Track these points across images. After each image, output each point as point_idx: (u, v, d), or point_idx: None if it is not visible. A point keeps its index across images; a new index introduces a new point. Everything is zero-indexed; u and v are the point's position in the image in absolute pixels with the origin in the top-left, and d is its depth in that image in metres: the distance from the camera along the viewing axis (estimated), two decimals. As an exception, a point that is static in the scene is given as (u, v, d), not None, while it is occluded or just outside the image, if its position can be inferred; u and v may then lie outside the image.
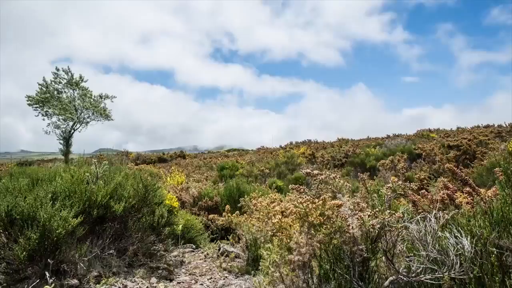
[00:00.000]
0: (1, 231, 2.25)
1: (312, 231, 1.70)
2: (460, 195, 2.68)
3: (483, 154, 9.70)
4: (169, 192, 5.71)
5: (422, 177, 8.97)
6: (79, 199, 2.39)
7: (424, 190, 2.88)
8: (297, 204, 1.72)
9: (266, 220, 3.03)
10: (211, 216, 3.20)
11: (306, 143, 22.90)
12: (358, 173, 10.76)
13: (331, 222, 1.66)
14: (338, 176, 2.09)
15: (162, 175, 8.04)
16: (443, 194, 2.46)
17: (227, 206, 3.17)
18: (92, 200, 2.44)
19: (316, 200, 1.77)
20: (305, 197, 2.01)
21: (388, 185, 2.03)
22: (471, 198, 2.11)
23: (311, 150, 14.60)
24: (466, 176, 7.66)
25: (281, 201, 4.81)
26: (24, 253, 1.93)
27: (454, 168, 2.43)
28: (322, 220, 1.67)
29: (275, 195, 4.89)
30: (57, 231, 2.01)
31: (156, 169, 15.44)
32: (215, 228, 5.02)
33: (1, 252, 2.21)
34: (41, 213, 2.02)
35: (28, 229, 2.03)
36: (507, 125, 19.77)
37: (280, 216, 1.93)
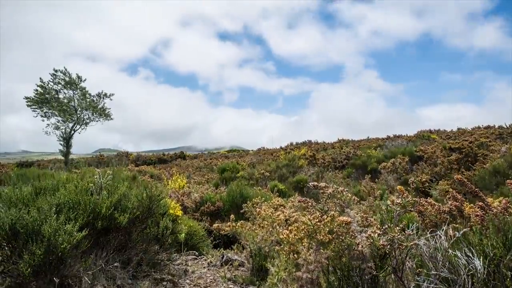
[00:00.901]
0: (4, 244, 2.23)
1: (321, 250, 1.68)
2: (467, 205, 2.66)
3: (484, 156, 9.68)
4: (170, 196, 5.69)
5: (424, 180, 8.96)
6: (83, 211, 2.37)
7: (430, 199, 2.86)
8: (306, 221, 1.70)
9: (270, 229, 3.01)
10: (215, 225, 3.18)
11: (307, 144, 22.89)
12: (360, 175, 10.74)
13: (340, 240, 1.64)
14: (346, 190, 2.07)
15: (164, 178, 8.01)
16: (451, 205, 2.44)
17: (232, 216, 3.15)
18: (96, 211, 2.42)
19: (325, 216, 1.75)
20: (312, 210, 1.99)
21: (397, 200, 2.00)
22: (483, 212, 2.09)
23: (311, 152, 14.58)
24: (468, 178, 7.59)
25: (284, 206, 4.81)
26: (29, 269, 1.91)
27: (464, 179, 2.40)
28: (331, 238, 1.65)
29: (277, 200, 4.88)
30: (62, 246, 1.99)
31: (156, 171, 15.42)
32: (218, 234, 5.00)
33: (5, 265, 2.19)
34: (46, 227, 2.00)
35: (32, 243, 2.01)
36: (508, 126, 19.77)
37: (287, 232, 1.90)
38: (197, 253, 4.13)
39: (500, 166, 6.54)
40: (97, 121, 18.14)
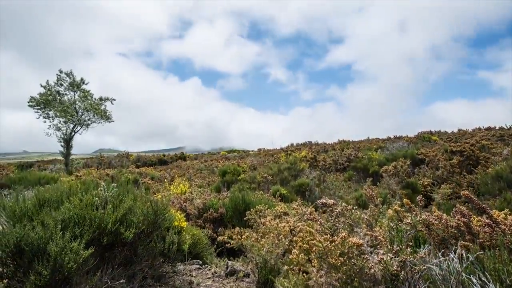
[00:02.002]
0: (9, 261, 2.21)
1: (333, 273, 1.66)
2: (474, 218, 2.64)
3: (486, 159, 9.67)
4: (173, 203, 5.67)
5: (426, 183, 8.94)
6: (89, 227, 2.34)
7: (436, 211, 2.84)
8: (316, 243, 1.68)
9: (276, 242, 2.99)
10: (220, 237, 3.17)
11: (307, 145, 22.87)
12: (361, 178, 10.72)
13: (352, 263, 1.62)
14: (355, 208, 2.05)
15: (166, 183, 7.99)
16: (459, 220, 2.42)
17: (237, 229, 3.13)
18: (102, 227, 2.40)
19: (335, 237, 1.73)
20: (321, 228, 1.97)
21: (407, 221, 1.98)
22: (491, 230, 2.07)
23: (312, 154, 14.56)
24: (470, 182, 7.49)
25: (288, 214, 4.79)
26: (36, 290, 1.89)
27: (470, 195, 2.38)
28: (342, 260, 1.63)
29: (281, 208, 4.86)
30: (68, 266, 1.97)
31: (157, 172, 15.40)
32: (221, 241, 4.98)
33: (9, 282, 2.17)
34: (52, 246, 1.98)
35: (38, 263, 1.99)
36: (508, 127, 19.77)
37: (297, 252, 1.88)
38: (200, 262, 4.11)
39: (503, 171, 6.52)
40: (98, 123, 18.14)
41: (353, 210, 2.05)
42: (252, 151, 32.72)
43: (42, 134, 17.18)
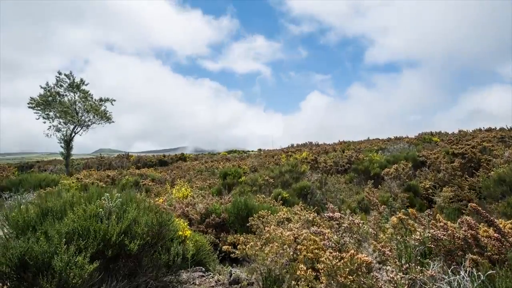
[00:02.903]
0: (13, 274, 2.19)
1: (342, 292, 1.64)
2: (481, 228, 2.62)
3: (487, 162, 9.65)
4: (175, 208, 5.65)
5: (427, 186, 8.93)
6: (93, 239, 2.32)
7: (442, 221, 2.82)
8: (325, 260, 1.66)
9: (281, 251, 2.98)
10: (225, 247, 3.15)
11: (307, 146, 22.85)
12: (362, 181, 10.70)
13: (362, 281, 1.60)
14: (361, 222, 2.03)
15: (168, 187, 7.97)
16: (467, 232, 2.40)
17: (241, 238, 3.11)
18: (106, 239, 2.38)
19: (344, 254, 1.71)
20: (326, 241, 1.95)
21: (416, 236, 1.96)
22: (500, 243, 2.05)
23: (313, 155, 14.54)
24: (472, 185, 7.43)
25: (291, 220, 4.77)
26: (41, 306, 1.87)
27: (478, 207, 2.37)
28: (352, 279, 1.61)
29: (283, 213, 4.84)
30: (73, 281, 1.95)
31: (158, 174, 15.37)
32: (226, 251, 4.96)
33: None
34: (57, 262, 1.96)
35: (43, 278, 1.96)
36: (509, 128, 19.76)
37: (304, 268, 1.86)
38: (204, 269, 4.09)
39: (506, 175, 6.50)
40: (98, 124, 18.11)
41: (360, 224, 2.03)
42: (252, 151, 32.72)
43: (41, 134, 17.16)
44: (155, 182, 13.30)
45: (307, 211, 6.62)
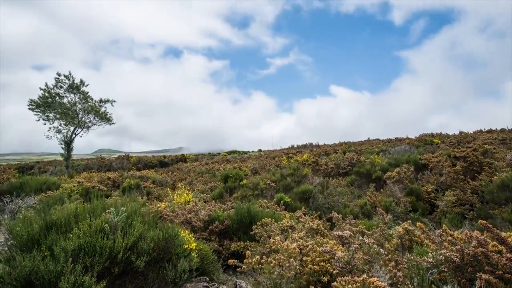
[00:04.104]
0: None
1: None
2: (490, 242, 2.60)
3: (490, 165, 9.63)
4: (177, 214, 5.62)
5: (430, 190, 8.91)
6: (100, 257, 2.29)
7: (448, 231, 2.80)
8: (337, 285, 1.63)
9: (287, 265, 2.95)
10: (231, 261, 3.13)
11: (308, 147, 22.83)
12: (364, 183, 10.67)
13: (375, 308, 1.57)
14: (372, 242, 2.01)
15: (169, 190, 7.94)
16: (476, 249, 2.38)
17: (248, 252, 3.09)
18: (112, 256, 2.35)
19: (356, 278, 1.69)
20: (336, 264, 1.92)
21: (428, 259, 1.94)
22: (511, 262, 2.03)
23: (314, 157, 14.52)
24: (475, 189, 7.40)
25: (294, 228, 4.74)
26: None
27: (489, 226, 2.34)
28: (365, 305, 1.59)
29: (287, 221, 4.82)
30: (80, 303, 1.92)
31: (159, 175, 15.33)
32: (227, 255, 4.94)
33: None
34: (64, 284, 1.93)
35: (50, 299, 1.94)
36: (510, 129, 19.75)
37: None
38: (208, 279, 4.06)
39: (510, 180, 6.48)
40: (98, 125, 18.07)
41: (370, 244, 2.00)
42: (253, 151, 32.69)
43: (41, 134, 17.12)
44: (156, 184, 13.28)
45: (309, 216, 6.60)
